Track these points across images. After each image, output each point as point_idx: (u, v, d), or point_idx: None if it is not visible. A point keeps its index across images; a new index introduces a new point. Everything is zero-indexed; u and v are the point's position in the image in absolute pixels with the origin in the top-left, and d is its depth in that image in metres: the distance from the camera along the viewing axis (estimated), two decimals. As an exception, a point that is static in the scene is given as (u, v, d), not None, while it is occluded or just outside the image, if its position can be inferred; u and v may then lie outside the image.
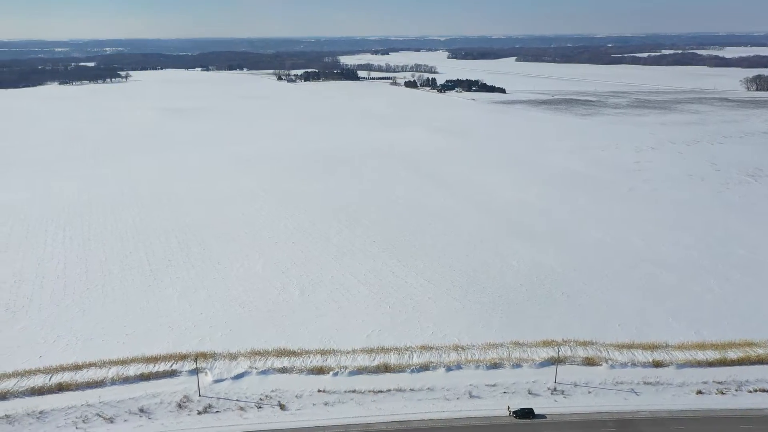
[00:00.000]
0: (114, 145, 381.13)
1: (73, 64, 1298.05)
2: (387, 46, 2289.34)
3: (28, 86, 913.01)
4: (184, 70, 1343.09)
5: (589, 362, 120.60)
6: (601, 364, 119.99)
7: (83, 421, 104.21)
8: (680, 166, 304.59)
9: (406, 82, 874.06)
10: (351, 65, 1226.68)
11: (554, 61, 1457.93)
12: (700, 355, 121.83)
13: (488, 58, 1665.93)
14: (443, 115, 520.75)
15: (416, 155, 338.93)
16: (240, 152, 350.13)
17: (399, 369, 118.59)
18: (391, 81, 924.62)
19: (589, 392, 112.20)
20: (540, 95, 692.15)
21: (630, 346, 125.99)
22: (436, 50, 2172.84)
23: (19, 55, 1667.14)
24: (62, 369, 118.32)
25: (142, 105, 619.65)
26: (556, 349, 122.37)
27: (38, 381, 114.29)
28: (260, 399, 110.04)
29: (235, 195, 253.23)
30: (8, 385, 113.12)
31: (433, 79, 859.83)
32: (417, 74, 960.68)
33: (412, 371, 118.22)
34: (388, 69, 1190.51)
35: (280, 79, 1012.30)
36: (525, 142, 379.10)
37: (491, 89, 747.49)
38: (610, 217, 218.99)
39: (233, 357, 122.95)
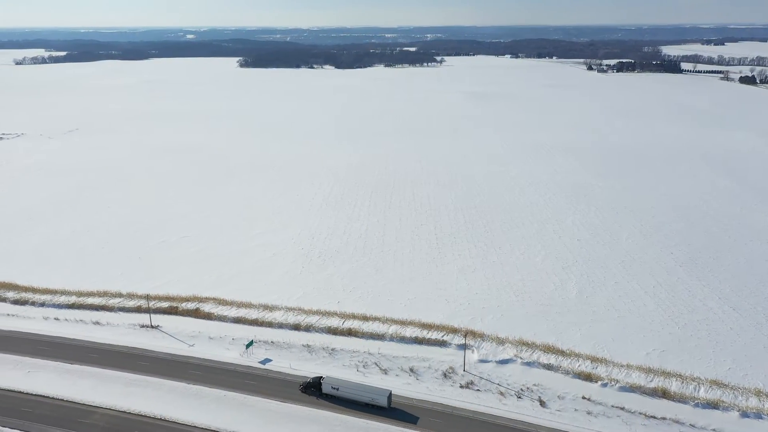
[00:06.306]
0: (419, 124, 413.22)
1: (397, 48, 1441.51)
2: (723, 35, 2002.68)
3: (361, 67, 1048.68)
4: (494, 56, 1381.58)
5: None
6: None
7: (363, 366, 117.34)
8: None
9: (741, 77, 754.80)
10: (673, 56, 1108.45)
11: None
12: None
13: None
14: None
15: (741, 162, 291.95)
16: (538, 140, 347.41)
17: (680, 398, 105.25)
18: (721, 75, 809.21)
19: None
20: None
21: None
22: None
23: (357, 40, 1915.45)
24: (353, 317, 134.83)
25: (451, 88, 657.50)
26: None
27: (334, 322, 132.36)
28: (521, 389, 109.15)
29: (527, 183, 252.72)
30: (312, 320, 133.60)
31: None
32: (758, 68, 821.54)
33: (696, 405, 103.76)
34: (720, 62, 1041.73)
35: (590, 68, 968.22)
36: None
37: None
38: None
39: (500, 342, 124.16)
